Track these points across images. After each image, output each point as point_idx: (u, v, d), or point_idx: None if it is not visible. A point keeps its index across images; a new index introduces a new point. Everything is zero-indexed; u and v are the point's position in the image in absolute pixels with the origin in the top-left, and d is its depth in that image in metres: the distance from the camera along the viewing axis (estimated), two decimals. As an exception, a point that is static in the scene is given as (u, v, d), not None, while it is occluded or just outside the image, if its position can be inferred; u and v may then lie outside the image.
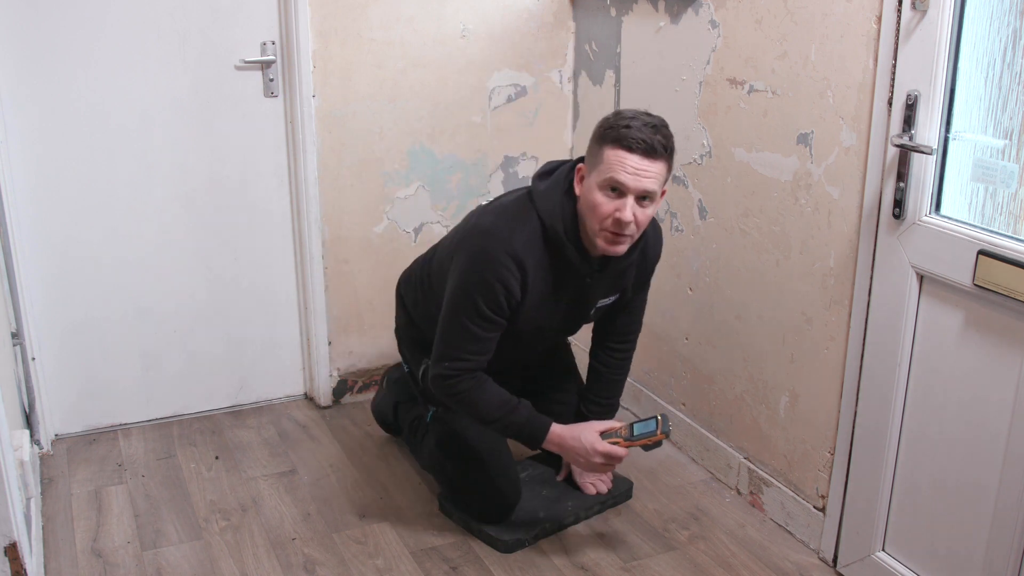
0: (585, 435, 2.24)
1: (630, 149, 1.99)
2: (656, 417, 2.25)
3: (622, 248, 2.10)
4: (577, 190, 2.11)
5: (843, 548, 2.32)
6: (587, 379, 2.60)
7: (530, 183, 2.23)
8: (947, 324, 1.96)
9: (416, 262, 2.60)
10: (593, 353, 2.56)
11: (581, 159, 2.17)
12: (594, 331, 2.56)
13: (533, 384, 2.58)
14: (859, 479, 2.24)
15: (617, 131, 2.00)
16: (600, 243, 2.09)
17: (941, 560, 2.07)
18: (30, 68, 2.65)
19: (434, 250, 2.48)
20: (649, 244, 2.31)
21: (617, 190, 2.02)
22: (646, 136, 1.99)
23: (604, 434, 2.27)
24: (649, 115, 2.07)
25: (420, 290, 2.49)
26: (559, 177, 2.16)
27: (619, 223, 2.03)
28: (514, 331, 2.22)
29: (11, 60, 2.63)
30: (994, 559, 1.92)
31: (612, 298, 2.35)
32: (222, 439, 2.98)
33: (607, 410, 2.55)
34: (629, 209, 2.02)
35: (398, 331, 2.68)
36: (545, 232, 2.12)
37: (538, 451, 2.40)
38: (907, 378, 2.08)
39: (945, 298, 1.96)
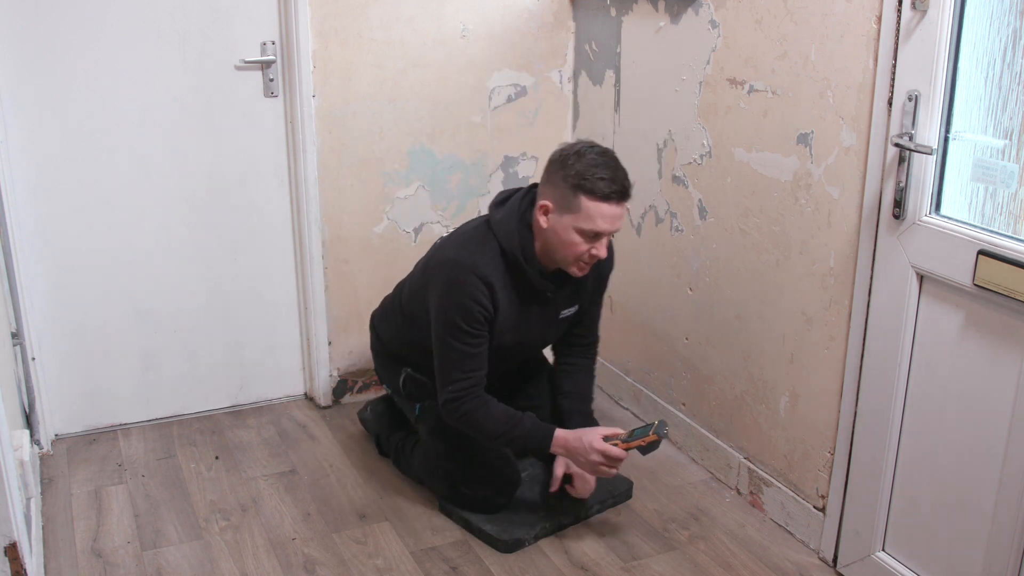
0: (586, 436, 2.35)
1: (608, 200, 2.19)
2: (655, 422, 2.37)
3: (586, 272, 2.34)
4: (543, 223, 2.27)
5: (843, 548, 2.32)
6: (560, 395, 2.65)
7: (487, 211, 2.42)
8: (947, 324, 1.96)
9: (387, 299, 2.77)
10: (559, 368, 2.68)
11: (533, 187, 2.37)
12: (555, 347, 2.70)
13: (509, 384, 2.64)
14: (859, 479, 2.24)
15: (593, 183, 2.17)
16: (573, 271, 2.31)
17: (941, 560, 2.07)
18: (30, 68, 2.65)
19: (403, 284, 2.67)
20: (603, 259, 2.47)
21: (596, 235, 2.23)
22: (619, 184, 2.19)
23: (606, 438, 2.36)
24: (605, 152, 2.24)
25: (396, 320, 2.64)
26: (513, 206, 2.35)
27: (594, 258, 2.27)
28: (497, 346, 2.40)
29: (11, 60, 2.63)
30: (994, 559, 1.92)
31: (573, 309, 2.52)
32: (222, 439, 2.98)
33: (587, 418, 2.60)
34: (604, 247, 2.27)
35: (376, 359, 2.79)
36: (504, 255, 2.32)
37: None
38: (907, 378, 2.08)
39: (945, 298, 1.96)
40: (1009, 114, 1.82)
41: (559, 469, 2.49)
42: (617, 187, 2.18)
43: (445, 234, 3.19)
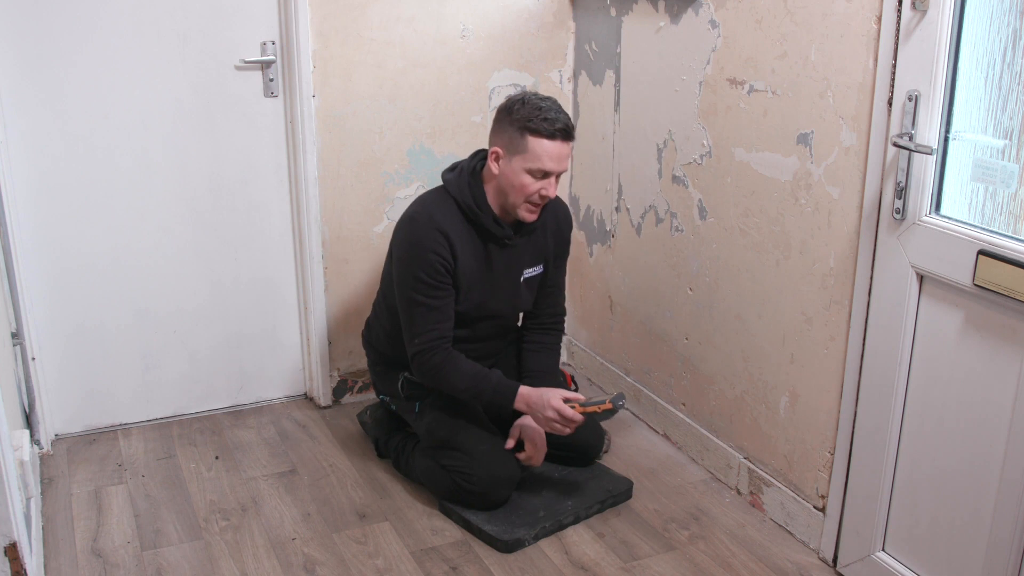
0: (547, 394, 2.45)
1: (553, 138, 2.34)
2: (615, 392, 2.52)
3: (535, 216, 2.46)
4: (495, 169, 2.42)
5: (843, 548, 2.32)
6: (522, 362, 2.73)
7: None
8: (947, 324, 1.96)
9: (372, 308, 2.83)
10: (524, 347, 2.74)
11: (479, 152, 2.52)
12: (522, 324, 2.76)
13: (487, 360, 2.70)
14: (859, 479, 2.24)
15: (537, 124, 2.33)
16: (522, 213, 2.43)
17: (941, 560, 2.07)
18: (31, 68, 2.65)
19: (382, 279, 2.72)
20: (560, 213, 2.65)
21: (545, 174, 2.37)
22: (562, 123, 2.34)
23: (566, 400, 2.45)
24: (546, 98, 2.39)
25: (384, 322, 2.69)
26: (463, 166, 2.51)
27: (544, 198, 2.40)
28: (465, 310, 2.51)
29: (12, 60, 2.63)
30: (994, 559, 1.92)
31: (538, 268, 2.63)
32: (222, 439, 2.98)
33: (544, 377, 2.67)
34: (553, 187, 2.40)
35: (373, 372, 2.82)
36: (460, 209, 2.45)
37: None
38: (907, 378, 2.08)
39: (945, 298, 1.96)
40: (1009, 114, 1.82)
41: (515, 431, 2.55)
42: (560, 125, 2.33)
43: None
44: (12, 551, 1.84)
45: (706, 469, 2.81)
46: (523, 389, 2.47)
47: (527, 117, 2.34)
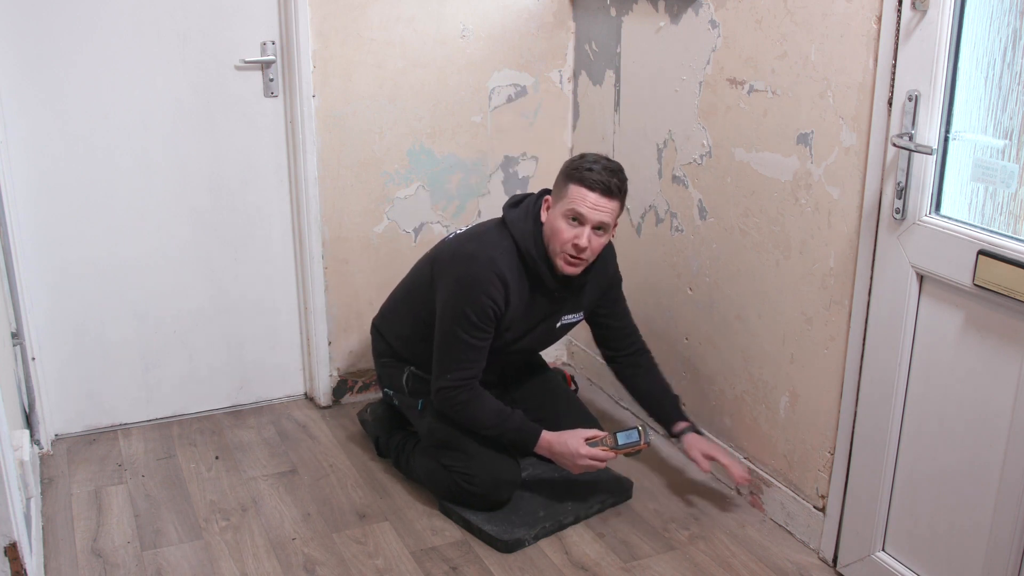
0: (571, 441, 2.46)
1: (591, 188, 2.34)
2: (637, 428, 2.50)
3: (576, 270, 2.42)
4: (543, 217, 2.44)
5: (843, 548, 2.32)
6: (632, 391, 2.75)
7: (502, 212, 2.52)
8: (947, 324, 1.96)
9: (388, 304, 2.80)
10: (626, 377, 2.75)
11: (546, 191, 2.49)
12: (608, 360, 2.78)
13: (504, 384, 2.72)
14: (859, 479, 2.24)
15: (581, 172, 2.35)
16: (559, 263, 2.41)
17: (941, 560, 2.07)
18: (31, 69, 2.65)
19: (406, 285, 2.72)
20: (607, 262, 2.61)
21: (577, 220, 2.35)
22: (604, 179, 2.34)
23: (590, 440, 2.47)
24: (609, 160, 2.40)
25: (404, 320, 2.68)
26: (528, 205, 2.49)
27: (577, 247, 2.36)
28: (497, 346, 2.49)
29: (12, 60, 2.63)
30: (994, 558, 1.92)
31: (576, 316, 2.62)
32: (222, 439, 2.98)
33: (674, 403, 2.69)
34: (586, 236, 2.36)
35: (378, 363, 2.80)
36: (519, 252, 2.44)
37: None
38: (907, 378, 2.08)
39: (945, 298, 1.96)
40: (1009, 114, 1.82)
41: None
42: (602, 179, 2.34)
43: (445, 233, 3.20)
44: (12, 551, 1.84)
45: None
46: (546, 434, 2.47)
47: (576, 166, 2.37)
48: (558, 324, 2.59)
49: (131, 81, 2.77)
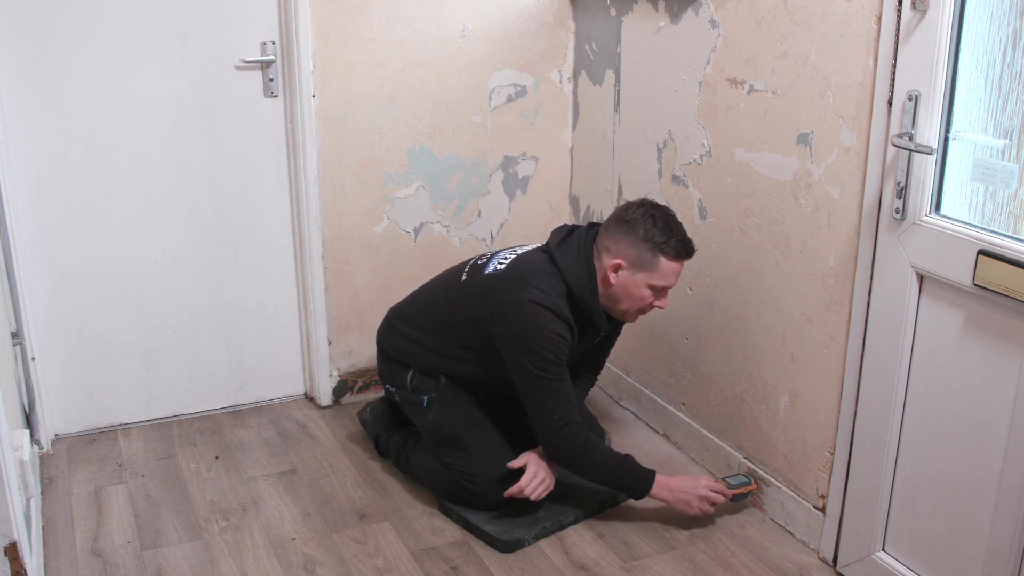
0: (691, 478, 2.52)
1: (680, 259, 2.43)
2: (742, 473, 2.63)
3: (637, 318, 2.54)
4: (613, 279, 2.43)
5: (843, 548, 2.32)
6: None
7: (548, 244, 2.53)
8: (947, 324, 1.96)
9: (415, 308, 2.73)
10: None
11: (591, 226, 2.53)
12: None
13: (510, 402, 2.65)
14: (859, 479, 2.24)
15: (671, 246, 2.39)
16: (629, 318, 2.53)
17: (941, 560, 2.07)
18: (31, 69, 2.65)
19: (446, 310, 2.62)
20: None
21: (663, 289, 2.45)
22: (689, 248, 2.43)
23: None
24: (668, 214, 2.44)
25: (430, 339, 2.64)
26: (578, 246, 2.48)
27: (656, 307, 2.49)
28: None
29: (11, 60, 2.63)
30: (994, 558, 1.92)
31: (596, 341, 2.66)
32: (222, 439, 2.98)
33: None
34: (666, 300, 2.49)
35: (381, 363, 2.79)
36: (570, 296, 2.45)
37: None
38: (907, 378, 2.08)
39: (945, 298, 1.96)
40: (1009, 114, 1.82)
41: (523, 458, 2.48)
42: (688, 247, 2.42)
43: (446, 233, 3.21)
44: (12, 551, 1.84)
45: (706, 469, 2.81)
46: (662, 477, 2.49)
47: (662, 240, 2.39)
48: (584, 351, 2.64)
49: (131, 81, 2.77)
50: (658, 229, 2.40)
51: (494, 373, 2.51)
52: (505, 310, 2.42)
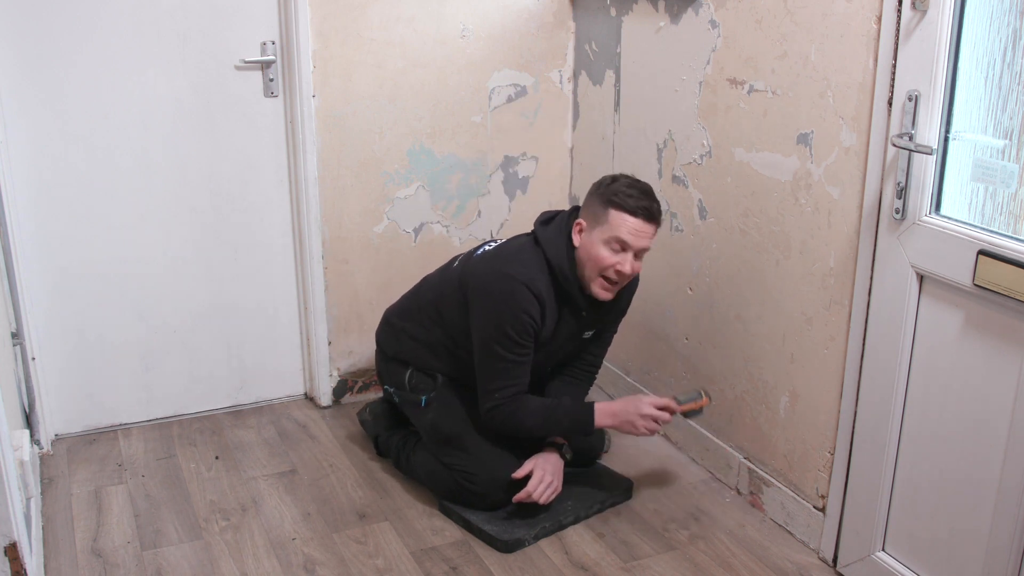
0: (633, 400, 2.49)
1: (635, 214, 2.35)
2: (699, 390, 2.56)
3: (610, 295, 2.45)
4: (576, 241, 2.42)
5: (843, 548, 2.32)
6: (547, 391, 2.69)
7: (533, 227, 2.53)
8: (947, 324, 1.96)
9: (409, 304, 2.74)
10: (560, 377, 2.70)
11: (577, 208, 2.49)
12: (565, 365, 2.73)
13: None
14: (859, 479, 2.24)
15: (621, 198, 2.35)
16: (595, 289, 2.43)
17: (941, 560, 2.07)
18: (31, 69, 2.65)
19: (435, 297, 2.64)
20: (630, 291, 2.63)
21: (620, 246, 2.36)
22: (646, 204, 2.36)
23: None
24: (639, 181, 2.41)
25: (426, 330, 2.65)
26: (560, 224, 2.48)
27: (619, 274, 2.39)
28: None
29: (11, 60, 2.63)
30: (994, 558, 1.92)
31: (591, 334, 2.63)
32: (222, 439, 2.98)
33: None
34: (629, 263, 2.38)
35: (381, 362, 2.80)
36: (551, 272, 2.43)
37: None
38: (907, 378, 2.08)
39: (945, 298, 1.96)
40: (1009, 114, 1.82)
41: (529, 464, 2.48)
42: (644, 204, 2.35)
43: (446, 233, 3.21)
44: (12, 551, 1.84)
45: (706, 469, 2.81)
46: (600, 404, 2.48)
47: (613, 191, 2.36)
48: (579, 340, 2.60)
49: (131, 81, 2.77)
50: (616, 185, 2.38)
51: None
52: (483, 281, 2.46)
